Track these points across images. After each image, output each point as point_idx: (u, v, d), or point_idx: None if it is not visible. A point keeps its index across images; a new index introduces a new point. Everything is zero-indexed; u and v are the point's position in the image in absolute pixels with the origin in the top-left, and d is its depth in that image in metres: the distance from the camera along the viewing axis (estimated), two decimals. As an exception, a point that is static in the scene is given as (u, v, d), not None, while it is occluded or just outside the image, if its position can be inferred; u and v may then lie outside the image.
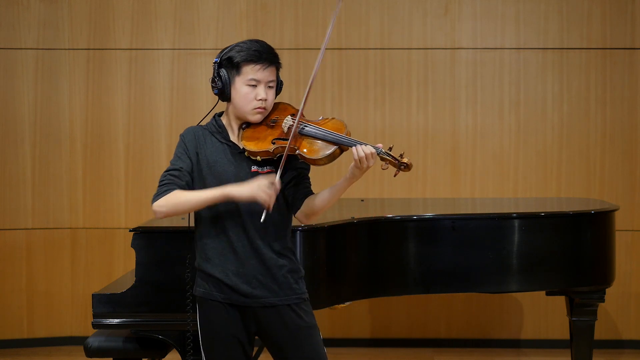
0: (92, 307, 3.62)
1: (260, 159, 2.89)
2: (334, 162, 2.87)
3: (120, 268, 5.91)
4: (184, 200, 2.83)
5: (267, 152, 2.87)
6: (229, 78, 2.91)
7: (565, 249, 4.29)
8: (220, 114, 3.03)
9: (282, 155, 2.85)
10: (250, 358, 3.00)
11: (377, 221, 4.07)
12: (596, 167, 5.87)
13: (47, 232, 5.95)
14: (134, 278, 3.63)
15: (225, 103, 3.00)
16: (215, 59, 2.95)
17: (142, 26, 5.94)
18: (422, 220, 4.17)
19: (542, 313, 5.89)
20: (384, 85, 5.88)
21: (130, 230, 3.67)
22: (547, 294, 4.73)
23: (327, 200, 2.87)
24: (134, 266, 3.66)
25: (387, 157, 2.79)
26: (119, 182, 5.95)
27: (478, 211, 4.77)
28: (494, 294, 5.70)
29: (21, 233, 5.92)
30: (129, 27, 5.93)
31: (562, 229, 4.31)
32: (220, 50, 2.98)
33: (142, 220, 5.72)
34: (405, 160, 2.78)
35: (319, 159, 2.82)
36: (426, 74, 5.90)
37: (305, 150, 2.83)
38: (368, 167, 2.76)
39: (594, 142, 5.86)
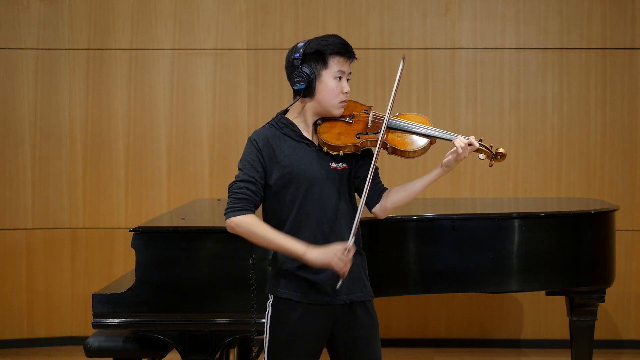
0: (92, 307, 3.62)
1: (342, 154, 2.88)
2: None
3: (120, 268, 5.91)
4: (260, 234, 2.79)
5: (354, 146, 2.87)
6: (314, 72, 2.88)
7: (565, 249, 4.29)
8: (284, 112, 2.97)
9: (365, 150, 2.91)
10: (319, 358, 2.96)
11: (377, 221, 4.06)
12: (596, 167, 5.87)
13: (47, 232, 5.95)
14: (134, 278, 3.63)
15: (300, 102, 2.92)
16: (295, 55, 2.88)
17: (142, 26, 5.94)
18: (422, 220, 4.17)
19: (542, 313, 5.89)
20: (384, 85, 5.88)
21: (130, 230, 3.67)
22: (547, 294, 4.73)
23: (417, 192, 2.93)
24: (134, 266, 3.66)
25: (483, 148, 2.93)
26: (119, 182, 5.95)
27: (478, 211, 4.77)
28: (494, 294, 5.70)
29: (21, 233, 5.93)
30: (129, 27, 5.93)
31: (562, 229, 4.31)
32: (294, 47, 2.92)
33: (142, 220, 5.72)
34: (500, 150, 2.94)
35: (413, 151, 2.90)
36: (426, 74, 5.91)
37: (397, 143, 2.89)
38: (463, 158, 2.89)
39: (594, 142, 5.86)
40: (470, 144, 2.89)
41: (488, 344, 5.91)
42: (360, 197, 2.91)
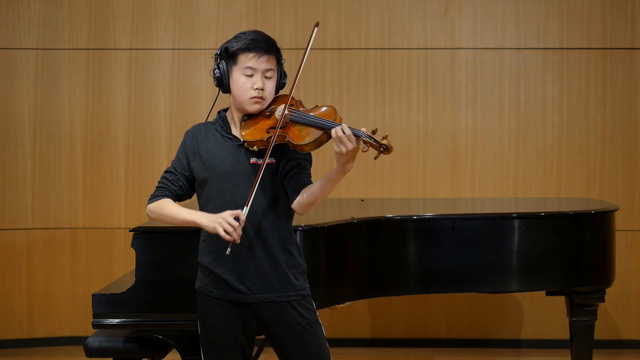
0: (92, 307, 3.62)
1: (257, 149, 2.89)
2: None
3: (120, 268, 5.91)
4: (166, 213, 2.90)
5: (261, 141, 2.87)
6: (227, 69, 2.93)
7: (565, 249, 4.29)
8: (226, 110, 3.06)
9: (278, 144, 2.86)
10: (250, 357, 2.99)
11: (377, 221, 4.07)
12: (596, 167, 5.87)
13: (47, 232, 5.95)
14: (134, 278, 3.63)
15: (230, 99, 3.02)
16: (216, 52, 2.98)
17: (142, 26, 5.94)
18: (422, 220, 4.17)
19: (542, 313, 5.89)
20: (384, 85, 5.88)
21: (130, 230, 3.66)
22: (547, 294, 4.72)
23: (319, 190, 2.78)
24: (134, 266, 3.66)
25: (368, 140, 2.71)
26: (119, 182, 5.95)
27: (478, 211, 4.77)
28: (494, 294, 5.70)
29: (21, 233, 5.92)
30: (129, 27, 5.93)
31: (562, 229, 4.31)
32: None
33: (142, 220, 5.72)
34: (384, 142, 2.71)
35: (305, 144, 2.80)
36: (426, 74, 5.90)
37: (293, 137, 2.83)
38: (349, 152, 2.64)
39: (594, 142, 5.86)
40: (344, 136, 2.63)
41: (488, 344, 5.91)
42: (287, 193, 2.89)
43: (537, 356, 5.72)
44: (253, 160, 2.90)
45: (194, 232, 3.68)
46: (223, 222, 2.72)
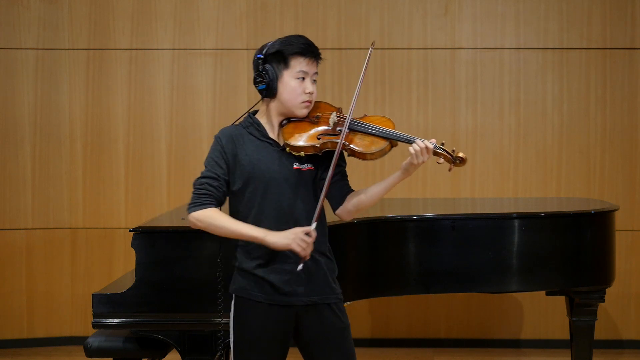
0: (92, 307, 3.62)
1: (304, 155, 2.88)
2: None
3: (120, 268, 5.91)
4: (220, 225, 2.81)
5: (313, 147, 2.86)
6: (276, 72, 2.89)
7: (565, 249, 4.29)
8: (254, 113, 3.00)
9: (328, 151, 2.86)
10: (285, 357, 2.97)
11: (377, 221, 4.07)
12: (596, 167, 5.87)
13: (47, 232, 5.95)
14: (134, 278, 3.63)
15: (267, 102, 2.95)
16: (257, 55, 2.91)
17: (142, 26, 5.94)
18: (422, 220, 4.17)
19: (542, 313, 5.89)
20: (384, 85, 5.88)
21: (130, 230, 3.66)
22: (547, 294, 4.72)
23: (377, 195, 2.88)
24: (134, 266, 3.66)
25: (442, 152, 2.83)
26: (119, 182, 5.95)
27: (478, 211, 4.77)
28: (494, 294, 5.70)
29: (21, 233, 5.92)
30: (129, 27, 5.93)
31: (562, 229, 4.31)
32: (260, 48, 2.95)
33: (142, 220, 5.72)
34: (460, 154, 2.83)
35: (371, 153, 2.85)
36: (426, 74, 5.90)
37: (356, 145, 2.85)
38: (422, 163, 2.79)
39: (594, 142, 5.86)
40: (424, 149, 2.79)
41: (488, 344, 5.91)
42: (329, 199, 2.94)
43: (537, 356, 5.72)
44: (296, 165, 2.89)
45: (193, 233, 3.69)
46: (297, 239, 2.74)
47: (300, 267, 2.78)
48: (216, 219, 2.81)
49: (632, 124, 5.85)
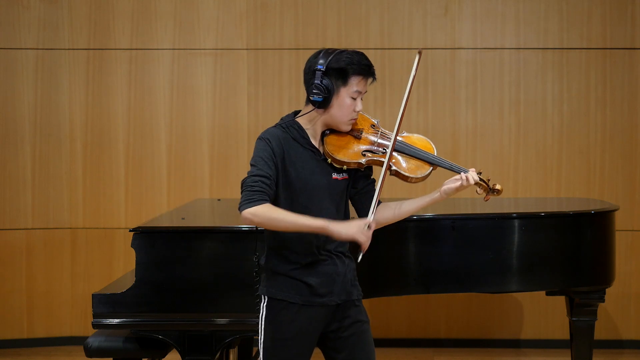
0: (92, 307, 3.62)
1: (345, 168, 2.93)
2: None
3: (120, 268, 5.91)
4: (280, 218, 2.79)
5: (358, 163, 2.92)
6: (334, 87, 2.88)
7: (565, 249, 4.29)
8: (296, 113, 2.98)
9: (369, 167, 2.95)
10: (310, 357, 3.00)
11: (377, 221, 4.06)
12: (596, 167, 5.87)
13: (47, 232, 5.95)
14: (134, 278, 3.63)
15: (313, 111, 2.93)
16: (318, 66, 2.88)
17: (142, 26, 5.94)
18: (422, 220, 4.16)
19: (542, 313, 5.89)
20: (384, 85, 5.88)
21: (130, 230, 3.67)
22: (547, 294, 4.72)
23: (406, 213, 3.03)
24: (134, 266, 3.66)
25: (482, 183, 2.98)
26: (119, 182, 5.95)
27: (478, 211, 4.77)
28: (494, 294, 5.70)
29: (21, 233, 5.93)
30: (129, 27, 5.93)
31: (562, 229, 4.30)
32: (317, 57, 2.90)
33: (142, 220, 5.72)
34: (497, 187, 3.00)
35: (416, 177, 2.96)
36: (426, 74, 5.90)
37: (400, 167, 2.94)
38: (463, 189, 2.98)
39: (594, 142, 5.86)
40: (470, 181, 2.97)
41: (488, 344, 5.91)
42: (358, 208, 3.02)
43: (537, 356, 5.73)
44: (334, 175, 2.94)
45: (194, 232, 3.69)
46: (360, 231, 2.79)
47: (360, 257, 2.85)
48: (274, 212, 2.80)
49: (632, 124, 5.85)
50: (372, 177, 3.04)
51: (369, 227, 2.80)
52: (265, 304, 2.94)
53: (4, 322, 5.93)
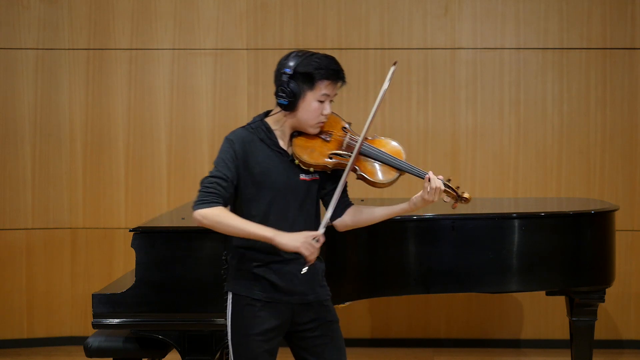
0: (92, 307, 3.62)
1: (313, 171, 2.94)
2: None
3: (120, 268, 5.91)
4: (228, 223, 2.83)
5: (324, 166, 2.91)
6: (300, 91, 2.89)
7: (565, 249, 4.29)
8: (266, 114, 3.00)
9: (337, 170, 2.91)
10: (275, 357, 3.02)
11: (377, 221, 4.06)
12: (596, 167, 5.87)
13: (47, 232, 5.95)
14: (134, 278, 3.63)
15: (282, 113, 2.94)
16: (285, 69, 2.89)
17: (142, 26, 5.94)
18: (422, 220, 4.17)
19: (542, 313, 5.89)
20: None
21: (130, 230, 3.67)
22: (547, 294, 4.72)
23: (377, 219, 3.02)
24: (134, 266, 3.66)
25: (450, 191, 2.91)
26: (119, 182, 5.95)
27: (478, 211, 4.77)
28: (494, 294, 5.70)
29: (21, 233, 5.92)
30: (129, 27, 5.93)
31: (562, 229, 4.31)
32: (287, 59, 2.92)
33: (142, 220, 5.72)
34: (465, 195, 2.93)
35: (382, 183, 2.92)
36: (426, 74, 5.90)
37: (366, 172, 2.91)
38: (432, 201, 2.90)
39: (594, 142, 5.86)
40: (436, 189, 2.89)
41: (488, 344, 5.91)
42: (325, 207, 2.99)
43: (537, 356, 5.72)
44: (302, 177, 2.94)
45: (193, 233, 3.69)
46: (306, 243, 2.79)
47: (304, 270, 2.83)
48: (224, 217, 2.83)
49: (632, 124, 5.85)
50: (345, 181, 3.00)
51: (317, 240, 2.80)
52: (230, 300, 2.97)
53: (4, 322, 5.93)
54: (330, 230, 3.82)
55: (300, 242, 2.79)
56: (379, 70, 5.88)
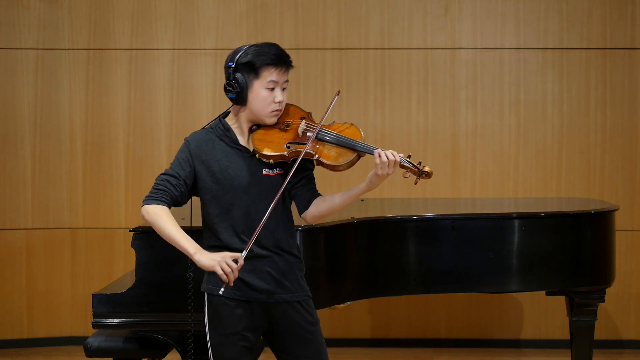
0: (92, 307, 3.62)
1: (272, 162, 2.91)
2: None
3: (120, 268, 5.91)
4: (163, 226, 2.84)
5: (282, 155, 2.88)
6: (246, 82, 2.90)
7: (565, 249, 4.29)
8: (225, 115, 3.02)
9: (296, 159, 2.86)
10: (256, 356, 3.01)
11: (377, 221, 4.07)
12: (596, 167, 5.87)
13: (47, 232, 5.95)
14: (134, 278, 3.63)
15: (237, 109, 2.97)
16: (228, 63, 2.92)
17: (142, 26, 5.94)
18: (422, 220, 4.17)
19: (542, 313, 5.89)
20: (384, 85, 5.88)
21: (130, 230, 3.67)
22: (547, 294, 4.72)
23: (338, 205, 2.92)
24: (134, 266, 3.66)
25: (408, 165, 2.83)
26: (119, 182, 5.95)
27: (478, 211, 4.77)
28: (494, 294, 5.70)
29: (21, 233, 5.92)
30: (129, 27, 5.93)
31: (562, 229, 4.31)
32: (231, 54, 2.95)
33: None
34: (426, 169, 2.83)
35: (339, 165, 2.86)
36: (426, 74, 5.90)
37: (323, 156, 2.86)
38: (387, 175, 2.80)
39: (594, 142, 5.86)
40: (389, 162, 2.78)
41: (488, 344, 5.91)
42: (296, 202, 2.98)
43: (537, 356, 5.72)
44: (265, 172, 2.93)
45: (193, 233, 3.69)
46: (222, 263, 2.76)
47: (222, 290, 2.81)
48: (161, 218, 2.85)
49: (632, 124, 5.85)
50: (309, 169, 2.99)
51: (236, 261, 2.76)
52: (206, 300, 2.98)
53: (4, 322, 5.93)
54: (330, 230, 3.83)
55: (217, 261, 2.76)
56: (379, 70, 5.88)
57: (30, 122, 5.93)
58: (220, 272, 2.75)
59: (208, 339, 2.98)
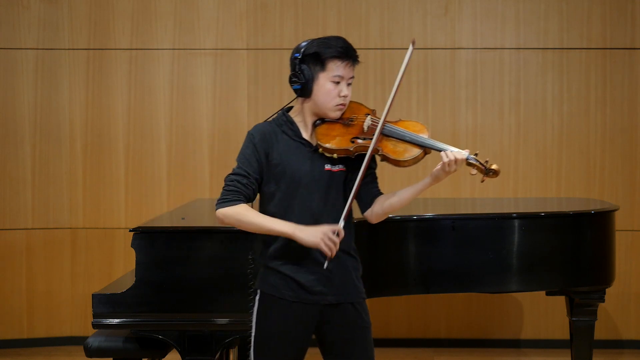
0: (92, 307, 3.62)
1: (336, 157, 2.88)
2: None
3: (120, 268, 5.91)
4: (249, 220, 2.81)
5: (346, 150, 2.86)
6: (312, 73, 2.88)
7: (565, 249, 4.29)
8: (288, 110, 2.99)
9: (360, 154, 2.86)
10: (304, 357, 2.98)
11: (377, 221, 4.06)
12: (596, 167, 5.87)
13: (47, 232, 5.95)
14: (134, 278, 3.63)
15: (302, 102, 2.94)
16: (294, 55, 2.90)
17: (142, 26, 5.94)
18: (422, 220, 4.17)
19: (542, 313, 5.89)
20: (384, 85, 5.88)
21: (130, 230, 3.67)
22: (547, 294, 4.72)
23: (406, 200, 2.90)
24: (134, 266, 3.66)
25: (475, 163, 2.86)
26: (119, 182, 5.95)
27: (478, 211, 4.77)
28: (494, 294, 5.70)
29: (21, 233, 5.93)
30: (129, 27, 5.93)
31: (562, 229, 4.30)
32: (297, 46, 2.93)
33: (142, 220, 5.72)
34: (493, 166, 2.85)
35: (405, 160, 2.85)
36: (426, 74, 5.91)
37: (389, 151, 2.85)
38: (453, 171, 2.83)
39: (594, 142, 5.86)
40: (456, 160, 2.83)
41: (488, 344, 5.91)
42: (358, 201, 2.94)
43: (537, 356, 5.73)
44: (327, 167, 2.90)
45: (193, 233, 3.69)
46: (325, 238, 2.75)
47: (326, 264, 2.79)
48: (244, 214, 2.82)
49: (632, 124, 5.85)
50: (372, 168, 2.98)
51: (337, 234, 2.76)
52: (258, 298, 2.95)
53: (4, 322, 5.93)
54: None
55: (319, 237, 2.75)
56: (379, 70, 5.88)
57: (30, 122, 5.93)
58: (325, 248, 2.74)
59: (253, 336, 2.94)
